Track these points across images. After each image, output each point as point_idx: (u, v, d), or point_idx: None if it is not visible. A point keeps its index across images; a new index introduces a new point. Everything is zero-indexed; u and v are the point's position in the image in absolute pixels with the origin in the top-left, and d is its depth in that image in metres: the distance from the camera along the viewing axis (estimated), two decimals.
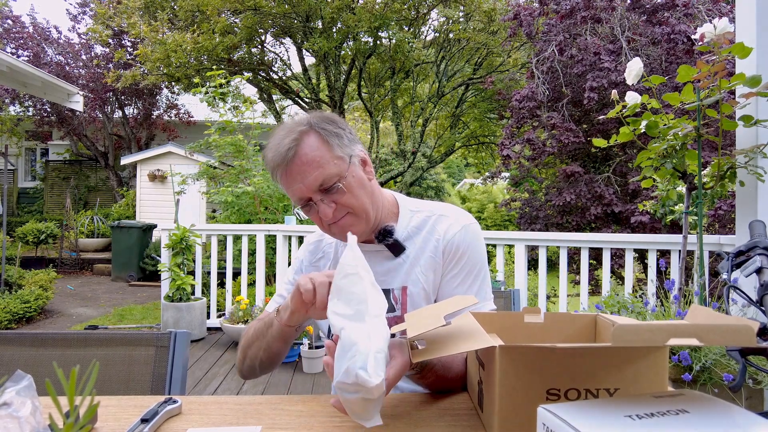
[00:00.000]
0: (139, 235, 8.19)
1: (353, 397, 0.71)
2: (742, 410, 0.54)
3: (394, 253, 1.12)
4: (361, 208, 1.05)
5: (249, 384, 3.45)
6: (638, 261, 4.83)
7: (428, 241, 1.13)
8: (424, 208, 1.18)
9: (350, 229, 1.04)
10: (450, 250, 1.11)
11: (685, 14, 5.00)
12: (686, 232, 2.43)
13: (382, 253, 1.13)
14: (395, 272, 1.12)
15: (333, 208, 1.03)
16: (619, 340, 0.55)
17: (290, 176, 1.02)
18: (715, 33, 2.07)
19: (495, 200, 12.79)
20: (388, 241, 1.11)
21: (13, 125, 12.12)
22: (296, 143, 1.01)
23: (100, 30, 10.86)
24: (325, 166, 1.01)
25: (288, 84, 11.96)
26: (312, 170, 1.00)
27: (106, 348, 1.16)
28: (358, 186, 1.05)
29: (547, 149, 5.36)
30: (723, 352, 1.80)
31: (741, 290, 0.98)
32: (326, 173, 1.01)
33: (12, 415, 0.58)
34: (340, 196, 1.03)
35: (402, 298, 1.11)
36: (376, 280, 1.10)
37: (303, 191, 1.02)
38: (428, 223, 1.15)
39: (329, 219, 1.03)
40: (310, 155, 1.01)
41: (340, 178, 1.02)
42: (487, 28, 10.67)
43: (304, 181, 1.01)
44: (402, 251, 1.12)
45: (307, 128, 1.03)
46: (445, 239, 1.12)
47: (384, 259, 1.13)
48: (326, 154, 1.02)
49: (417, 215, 1.17)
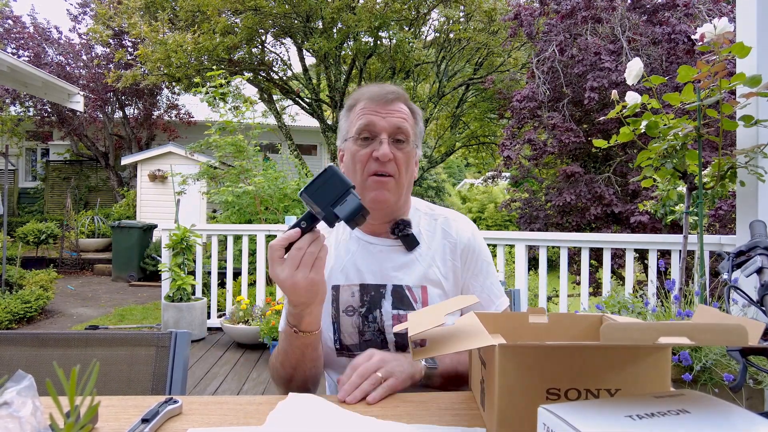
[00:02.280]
0: (139, 235, 8.19)
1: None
2: (743, 410, 0.54)
3: (408, 247, 1.13)
4: (402, 180, 1.09)
5: (249, 384, 3.45)
6: (638, 261, 4.83)
7: (442, 243, 1.16)
8: (429, 210, 1.22)
9: (386, 194, 1.08)
10: (467, 252, 1.16)
11: (685, 14, 5.00)
12: (686, 232, 2.43)
13: (394, 248, 1.15)
14: (409, 268, 1.13)
15: (392, 156, 1.06)
16: (608, 338, 0.55)
17: (375, 110, 1.08)
18: (715, 33, 2.06)
19: (495, 200, 12.80)
20: (405, 232, 1.13)
21: (14, 125, 12.13)
22: (398, 96, 1.10)
23: (100, 30, 10.87)
24: (407, 124, 1.10)
25: (288, 84, 11.96)
26: (397, 117, 1.08)
27: (107, 348, 1.16)
28: (411, 163, 1.11)
29: (547, 149, 5.36)
30: (724, 352, 1.80)
31: (741, 290, 0.98)
32: (406, 127, 1.09)
33: (13, 415, 0.58)
34: (400, 154, 1.08)
35: (423, 297, 1.11)
36: (388, 274, 1.13)
37: (378, 124, 1.06)
38: (437, 224, 1.18)
39: (386, 157, 1.05)
40: (401, 109, 1.10)
41: (408, 141, 1.09)
42: (487, 28, 10.68)
43: (387, 118, 1.07)
44: (416, 245, 1.14)
45: (406, 98, 1.14)
46: (461, 242, 1.16)
47: (397, 254, 1.14)
48: (410, 122, 1.11)
49: (425, 217, 1.20)
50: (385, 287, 1.11)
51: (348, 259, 1.15)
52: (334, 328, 1.12)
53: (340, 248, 1.17)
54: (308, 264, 0.86)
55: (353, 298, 1.12)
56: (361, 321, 1.10)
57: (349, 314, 1.11)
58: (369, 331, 1.10)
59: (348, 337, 1.11)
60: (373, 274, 1.13)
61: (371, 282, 1.12)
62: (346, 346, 1.11)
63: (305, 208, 4.73)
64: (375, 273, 1.13)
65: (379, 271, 1.13)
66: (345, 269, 1.14)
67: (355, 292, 1.12)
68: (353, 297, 1.12)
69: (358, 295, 1.12)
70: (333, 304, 1.12)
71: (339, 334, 1.11)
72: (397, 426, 0.75)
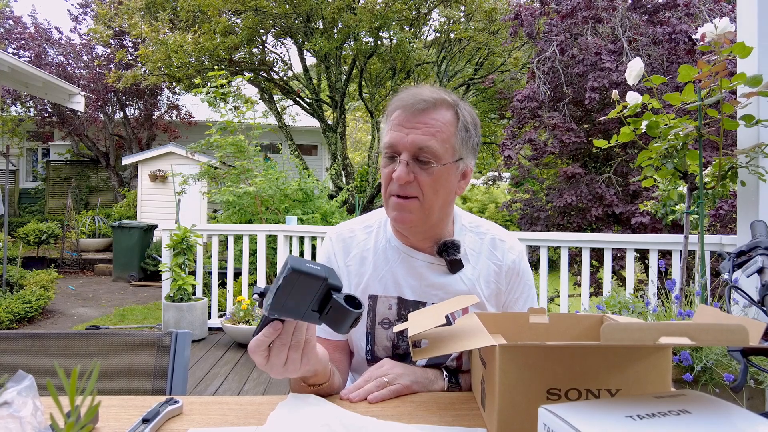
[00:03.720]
0: (140, 235, 8.19)
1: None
2: (744, 411, 0.54)
3: (452, 270, 1.07)
4: (430, 202, 0.99)
5: (250, 384, 3.45)
6: (639, 261, 4.83)
7: (487, 264, 1.10)
8: (477, 227, 1.15)
9: (407, 216, 1.00)
10: (512, 275, 1.11)
11: (686, 14, 4.99)
12: (687, 232, 2.42)
13: (435, 265, 1.08)
14: (450, 288, 1.07)
15: (410, 178, 0.96)
16: (608, 338, 0.54)
17: (403, 123, 0.97)
18: (716, 33, 2.06)
19: (496, 201, 12.78)
20: (452, 256, 1.06)
21: (15, 125, 12.14)
22: (434, 103, 0.97)
23: (101, 30, 10.87)
24: (436, 140, 0.96)
25: (289, 84, 11.96)
26: (423, 132, 0.96)
27: (108, 348, 1.16)
28: (443, 183, 0.99)
29: (548, 149, 5.36)
30: (724, 352, 1.80)
31: (742, 290, 0.98)
32: (432, 146, 0.96)
33: (13, 414, 0.59)
34: (424, 175, 0.97)
35: None
36: (429, 292, 1.07)
37: (400, 142, 0.97)
38: (484, 244, 1.12)
39: (400, 182, 0.96)
40: (434, 121, 0.97)
41: (437, 161, 0.97)
42: (488, 28, 10.68)
43: (409, 135, 0.96)
44: (460, 268, 1.08)
45: (452, 103, 1.00)
46: (506, 264, 1.11)
47: (437, 273, 1.08)
48: (446, 133, 0.97)
49: (470, 234, 1.13)
50: (425, 305, 1.06)
51: (386, 269, 1.09)
52: (367, 339, 1.08)
53: (379, 256, 1.10)
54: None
55: (390, 311, 1.07)
56: (396, 335, 1.06)
57: (385, 327, 1.07)
58: (403, 346, 1.07)
59: (382, 350, 1.07)
60: (413, 290, 1.07)
61: (410, 298, 1.07)
62: (378, 359, 1.06)
63: (305, 208, 4.77)
64: (414, 289, 1.07)
65: (419, 287, 1.07)
66: (383, 279, 1.08)
67: (392, 305, 1.07)
68: (390, 310, 1.07)
69: (395, 309, 1.07)
70: (369, 315, 1.08)
71: (372, 345, 1.08)
72: (398, 426, 0.75)
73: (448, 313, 0.84)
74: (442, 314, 0.81)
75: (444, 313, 0.82)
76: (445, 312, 0.83)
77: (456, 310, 0.86)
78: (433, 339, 0.80)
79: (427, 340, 0.82)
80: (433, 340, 0.80)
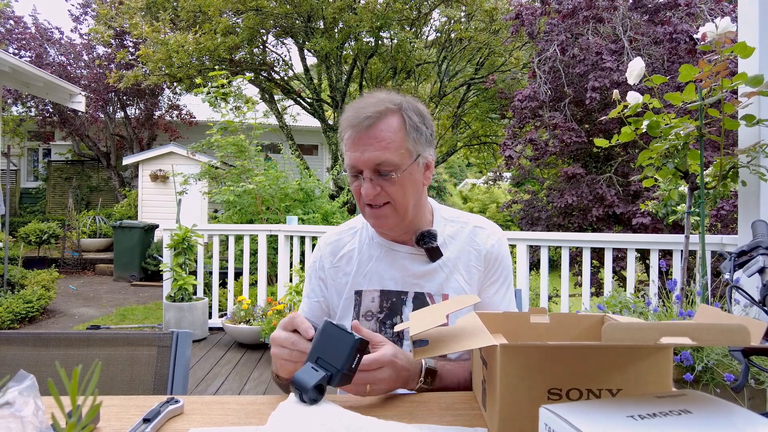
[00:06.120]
0: (141, 235, 8.20)
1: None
2: (745, 411, 0.54)
3: (431, 258, 1.12)
4: (403, 204, 1.05)
5: (251, 384, 3.45)
6: (640, 261, 4.82)
7: (467, 250, 1.14)
8: (457, 218, 1.20)
9: (384, 221, 1.06)
10: (490, 259, 1.15)
11: (687, 14, 4.99)
12: (688, 232, 2.42)
13: (416, 256, 1.14)
14: (431, 277, 1.12)
15: (377, 191, 1.03)
16: (609, 338, 0.54)
17: (355, 143, 1.02)
18: (717, 32, 2.06)
19: (497, 200, 12.79)
20: (429, 244, 1.11)
21: (16, 126, 12.16)
22: (378, 117, 1.01)
23: (102, 30, 10.88)
24: (390, 151, 1.01)
25: (290, 84, 11.97)
26: (377, 148, 1.00)
27: (109, 348, 1.16)
28: (410, 184, 1.05)
29: (549, 149, 5.35)
30: (725, 352, 1.80)
31: (743, 290, 0.98)
32: (387, 158, 1.01)
33: (15, 414, 0.59)
34: (389, 185, 1.03)
35: None
36: (410, 281, 1.12)
37: (359, 162, 1.02)
38: (464, 232, 1.17)
39: (369, 199, 1.03)
40: (383, 134, 1.01)
41: (396, 169, 1.02)
42: (488, 28, 10.67)
43: (365, 153, 1.00)
44: (439, 257, 1.12)
45: (395, 108, 1.04)
46: (486, 249, 1.15)
47: (418, 263, 1.13)
48: (398, 141, 1.02)
49: (450, 224, 1.18)
50: (407, 294, 1.12)
51: (370, 264, 1.15)
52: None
53: (363, 254, 1.17)
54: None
55: (373, 303, 1.13)
56: (378, 326, 1.11)
57: (368, 319, 1.12)
58: (386, 337, 1.08)
59: None
60: (395, 281, 1.13)
61: (392, 288, 1.13)
62: None
63: (306, 208, 4.78)
64: (396, 280, 1.13)
65: (401, 278, 1.13)
66: (368, 274, 1.15)
67: (375, 298, 1.13)
68: (373, 302, 1.13)
69: (377, 301, 1.12)
70: (355, 309, 1.14)
71: None
72: (399, 426, 0.75)
73: (448, 313, 0.84)
74: (443, 314, 0.81)
75: (445, 312, 0.82)
76: (447, 312, 0.83)
77: (457, 310, 0.86)
78: (434, 338, 0.80)
79: (427, 339, 0.82)
80: (434, 340, 0.80)
